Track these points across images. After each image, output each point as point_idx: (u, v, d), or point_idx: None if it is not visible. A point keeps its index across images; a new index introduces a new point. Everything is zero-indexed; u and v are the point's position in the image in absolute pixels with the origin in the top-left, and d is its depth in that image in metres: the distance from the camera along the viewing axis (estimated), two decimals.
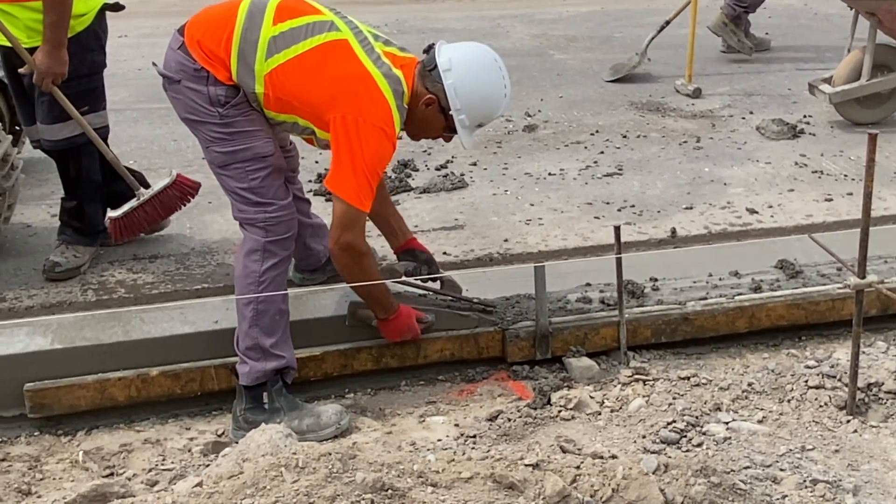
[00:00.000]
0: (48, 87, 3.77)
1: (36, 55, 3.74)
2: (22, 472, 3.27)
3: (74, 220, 4.13)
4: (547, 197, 4.92)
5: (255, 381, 3.38)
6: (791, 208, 4.76)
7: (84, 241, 4.14)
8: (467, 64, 3.28)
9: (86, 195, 4.11)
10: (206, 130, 3.35)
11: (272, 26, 3.25)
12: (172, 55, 3.34)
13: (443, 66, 3.26)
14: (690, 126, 6.03)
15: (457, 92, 3.26)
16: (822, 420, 3.16)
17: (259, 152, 3.33)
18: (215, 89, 3.27)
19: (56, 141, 3.96)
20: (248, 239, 3.39)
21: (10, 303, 3.87)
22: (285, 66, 3.23)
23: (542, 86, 6.95)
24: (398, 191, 4.96)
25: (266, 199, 3.34)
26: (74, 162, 4.04)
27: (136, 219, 4.07)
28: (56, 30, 3.72)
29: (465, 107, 3.28)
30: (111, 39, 4.23)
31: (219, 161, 3.37)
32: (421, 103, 3.29)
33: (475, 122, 3.35)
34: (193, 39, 3.30)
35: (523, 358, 3.80)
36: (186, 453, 3.39)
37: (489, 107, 3.34)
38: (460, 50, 3.33)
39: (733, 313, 3.92)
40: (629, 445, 3.05)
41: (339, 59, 3.24)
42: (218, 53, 3.26)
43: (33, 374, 3.51)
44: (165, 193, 4.09)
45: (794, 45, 7.84)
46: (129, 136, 5.83)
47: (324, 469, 2.48)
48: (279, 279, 3.39)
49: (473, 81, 3.28)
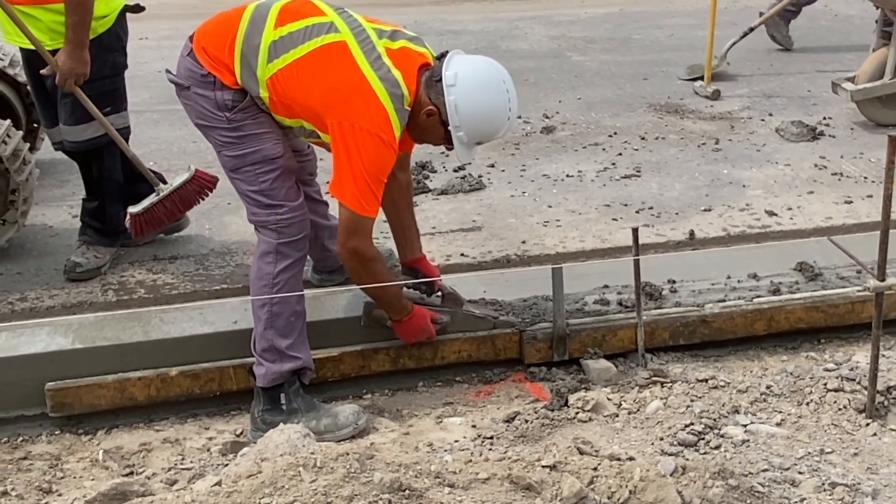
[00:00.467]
0: (71, 87, 3.80)
1: (58, 56, 3.77)
2: (43, 470, 3.30)
3: (96, 220, 4.16)
4: (565, 199, 4.92)
5: (271, 382, 3.39)
6: (810, 210, 4.74)
7: (105, 242, 4.17)
8: (472, 82, 3.20)
9: (107, 195, 4.14)
10: (216, 135, 3.38)
11: (273, 30, 3.25)
12: (182, 62, 3.37)
13: (447, 80, 3.18)
14: (709, 128, 6.01)
15: (457, 109, 3.19)
16: (840, 423, 3.15)
17: (268, 154, 3.34)
18: (222, 94, 3.29)
19: (79, 142, 4.00)
20: (261, 241, 3.41)
21: (31, 302, 3.91)
22: (285, 70, 3.23)
23: (560, 87, 6.95)
24: (416, 192, 4.96)
25: (277, 202, 3.35)
26: (97, 163, 4.08)
27: (156, 214, 4.08)
28: (78, 30, 3.76)
29: (464, 125, 3.21)
30: (132, 41, 4.26)
31: (230, 165, 3.39)
32: (423, 112, 3.23)
33: (473, 140, 3.28)
34: (199, 46, 3.33)
35: (541, 359, 3.79)
36: (205, 453, 3.41)
37: (490, 128, 3.27)
38: (469, 66, 3.24)
39: (752, 315, 3.91)
40: (647, 447, 3.05)
41: (336, 64, 3.19)
42: (222, 59, 3.28)
43: (54, 373, 3.54)
44: (184, 188, 4.10)
45: (814, 47, 7.80)
46: (149, 137, 5.87)
47: (341, 469, 2.49)
48: (293, 281, 3.40)
49: (476, 101, 3.19)
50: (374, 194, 3.21)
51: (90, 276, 4.05)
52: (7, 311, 3.85)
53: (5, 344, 3.59)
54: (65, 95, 3.89)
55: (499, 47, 8.18)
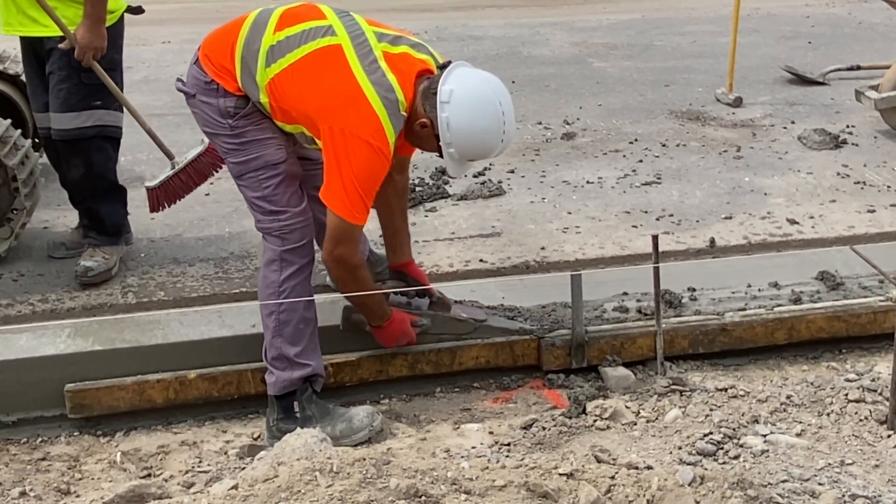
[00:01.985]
0: (89, 61, 3.86)
1: (77, 30, 3.83)
2: (61, 471, 3.32)
3: (93, 220, 4.14)
4: (584, 205, 4.91)
5: (282, 390, 3.40)
6: (832, 219, 4.70)
7: (110, 241, 4.15)
8: (466, 102, 3.11)
9: (97, 194, 4.11)
10: (221, 142, 3.40)
11: (272, 35, 3.24)
12: (189, 70, 3.41)
13: (441, 97, 3.10)
14: (731, 135, 5.98)
15: (449, 127, 3.12)
16: (861, 434, 3.12)
17: (270, 160, 3.34)
18: (225, 101, 3.31)
19: (67, 130, 3.98)
20: (266, 249, 3.42)
21: (52, 304, 3.93)
22: (281, 75, 3.21)
23: (581, 94, 6.94)
24: (435, 197, 4.97)
25: (279, 208, 3.35)
26: (83, 156, 4.03)
27: (173, 187, 4.11)
28: (97, 5, 3.83)
29: (455, 142, 3.15)
30: (154, 45, 4.31)
31: (235, 171, 3.42)
32: (417, 122, 3.18)
33: (465, 157, 3.23)
34: (204, 53, 3.36)
35: (559, 366, 3.78)
36: (222, 456, 3.42)
37: (481, 148, 3.20)
38: (465, 84, 3.14)
39: (772, 325, 3.88)
40: (665, 456, 3.03)
41: (329, 68, 3.15)
42: (225, 65, 3.30)
43: (74, 374, 3.56)
44: (199, 161, 4.15)
45: (838, 55, 7.75)
46: (170, 141, 5.83)
47: (358, 474, 2.50)
48: (300, 287, 3.39)
49: (468, 121, 3.12)
50: (363, 202, 3.16)
51: (103, 279, 4.04)
52: (28, 313, 3.88)
53: (26, 345, 3.62)
54: (61, 82, 3.92)
55: (520, 53, 8.18)
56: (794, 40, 8.47)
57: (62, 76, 3.93)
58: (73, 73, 3.92)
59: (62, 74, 3.93)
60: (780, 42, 8.43)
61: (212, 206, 4.93)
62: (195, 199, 4.85)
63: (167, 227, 4.57)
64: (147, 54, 8.20)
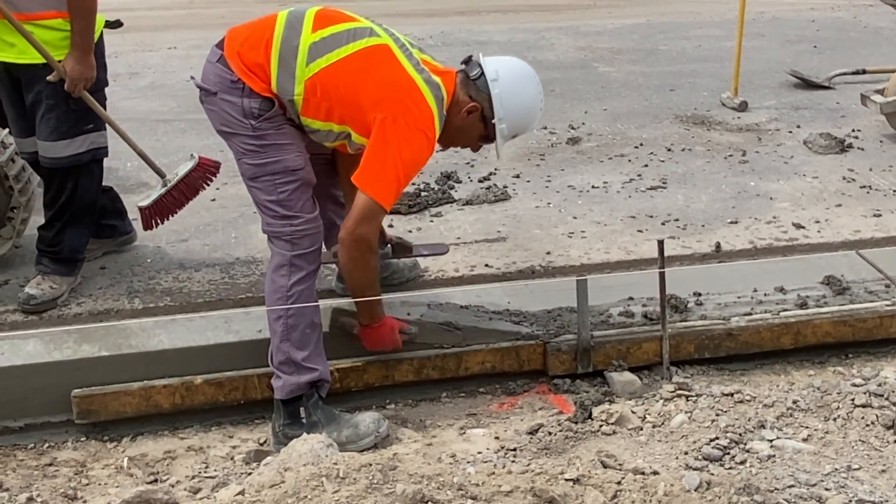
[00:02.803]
0: (80, 92, 3.81)
1: (66, 62, 3.76)
2: (68, 476, 3.32)
3: (52, 247, 4.02)
4: (590, 210, 4.91)
5: (289, 394, 3.40)
6: (838, 224, 4.70)
7: (62, 271, 4.02)
8: (512, 76, 3.41)
9: (72, 219, 4.02)
10: (238, 142, 3.39)
11: (312, 34, 3.31)
12: (211, 68, 3.40)
13: (490, 76, 3.37)
14: (736, 139, 5.98)
15: (502, 102, 3.36)
16: (868, 439, 3.11)
17: (289, 166, 3.37)
18: (249, 101, 3.32)
19: (60, 158, 3.89)
20: (275, 254, 3.43)
21: (58, 310, 3.94)
22: (328, 69, 3.28)
23: (586, 98, 6.94)
24: (441, 202, 4.97)
25: (292, 212, 3.38)
26: (72, 182, 3.97)
27: (165, 204, 4.09)
28: (85, 36, 3.77)
29: (507, 117, 3.38)
30: (160, 51, 4.31)
31: (249, 173, 3.42)
32: (463, 111, 3.37)
33: (512, 133, 3.45)
34: (233, 51, 3.36)
35: (564, 371, 3.78)
36: (229, 461, 3.43)
37: (528, 118, 3.47)
38: (504, 62, 3.45)
39: (778, 329, 3.88)
40: (671, 462, 3.02)
41: (383, 64, 3.29)
42: (257, 61, 3.31)
43: (81, 380, 3.57)
44: (190, 177, 4.12)
45: (843, 59, 7.74)
46: (176, 146, 5.91)
47: (364, 480, 2.50)
48: (307, 293, 3.41)
49: (517, 93, 3.39)
50: (399, 188, 3.31)
51: (45, 309, 3.91)
52: (35, 318, 3.88)
53: (33, 350, 3.63)
54: (49, 110, 3.83)
55: (525, 58, 8.07)
56: (800, 44, 8.47)
57: (49, 105, 3.83)
58: (60, 101, 3.83)
59: (49, 103, 3.83)
60: (785, 46, 8.43)
61: (218, 211, 4.94)
62: (201, 204, 4.87)
63: (173, 232, 4.58)
64: (153, 60, 8.22)
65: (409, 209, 4.84)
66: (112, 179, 4.63)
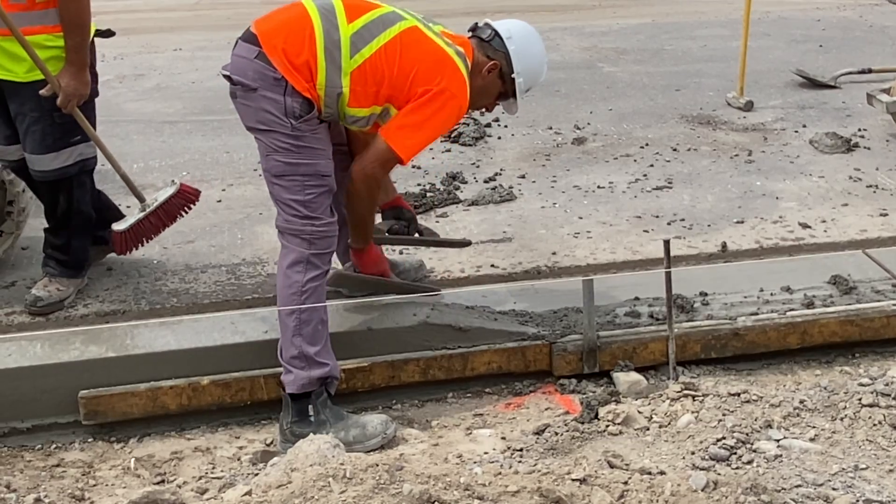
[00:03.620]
0: (72, 109, 3.77)
1: (61, 77, 3.72)
2: (76, 477, 3.33)
3: (60, 252, 4.04)
4: (596, 210, 4.91)
5: (300, 389, 3.41)
6: (845, 223, 4.69)
7: (68, 274, 4.04)
8: (523, 33, 3.66)
9: (75, 229, 4.04)
10: (272, 139, 3.38)
11: (348, 24, 3.39)
12: (249, 64, 3.35)
13: (504, 34, 3.59)
14: (742, 139, 5.98)
15: (518, 56, 3.58)
16: (875, 439, 3.10)
17: (320, 170, 3.41)
18: (292, 100, 3.33)
19: (47, 171, 3.88)
20: (290, 251, 3.44)
21: (65, 311, 3.95)
22: (372, 58, 3.38)
23: (591, 98, 6.94)
24: (446, 203, 4.98)
25: (315, 214, 3.41)
26: (65, 194, 3.97)
27: (142, 230, 4.04)
28: (80, 51, 3.75)
29: (523, 70, 3.60)
30: (165, 52, 4.31)
31: (278, 170, 3.41)
32: (484, 70, 3.56)
33: (527, 86, 3.65)
34: (276, 48, 3.33)
35: (571, 372, 3.78)
36: (236, 462, 3.43)
37: (539, 71, 3.69)
38: (512, 23, 3.69)
39: (785, 329, 3.88)
40: (678, 462, 3.02)
41: (419, 44, 3.45)
42: (303, 58, 3.32)
43: (88, 381, 3.57)
44: (170, 203, 4.08)
45: (849, 58, 7.73)
46: (182, 147, 5.93)
47: (371, 480, 2.50)
48: (320, 290, 3.45)
49: (530, 47, 3.64)
50: (420, 146, 3.50)
51: (52, 311, 3.93)
52: (42, 320, 3.89)
53: (40, 352, 3.64)
54: (34, 123, 3.80)
55: None
56: (805, 44, 8.46)
57: (34, 118, 3.80)
58: (44, 115, 3.80)
59: (34, 116, 3.80)
60: (791, 46, 8.42)
61: (224, 212, 4.95)
62: (207, 206, 4.89)
63: (179, 234, 4.59)
64: (158, 62, 8.24)
65: (415, 209, 4.84)
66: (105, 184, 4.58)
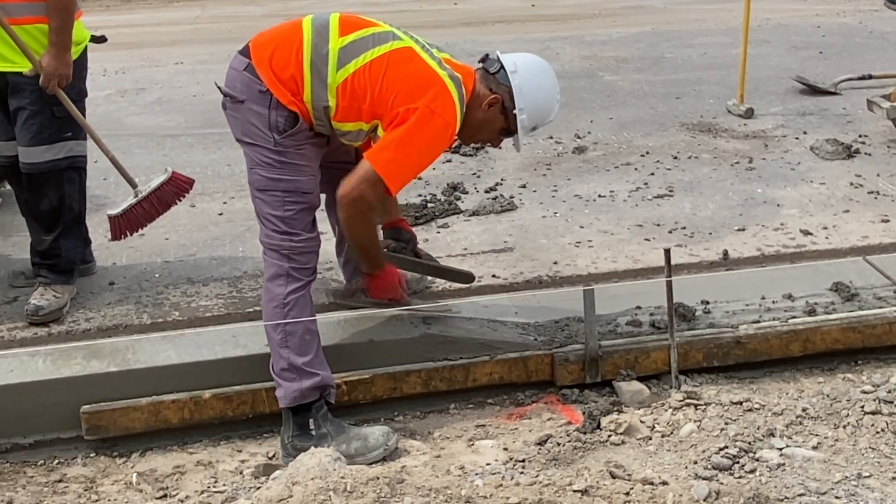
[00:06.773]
0: (54, 88, 3.85)
1: (42, 58, 3.82)
2: (78, 493, 3.33)
3: (49, 258, 4.08)
4: (597, 219, 4.91)
5: (293, 401, 3.40)
6: (846, 230, 4.69)
7: (61, 280, 4.08)
8: (530, 68, 3.52)
9: (65, 227, 4.08)
10: (256, 152, 3.41)
11: (339, 38, 3.37)
12: (238, 76, 3.40)
13: (509, 68, 3.48)
14: (743, 147, 5.98)
15: (521, 92, 3.46)
16: (878, 447, 3.10)
17: (301, 188, 3.41)
18: (276, 114, 3.34)
19: (38, 163, 3.95)
20: (270, 265, 3.45)
21: (67, 325, 3.95)
22: (357, 73, 3.34)
23: (591, 107, 6.95)
24: (447, 213, 4.98)
25: (294, 230, 3.41)
26: (55, 188, 4.01)
27: (135, 216, 4.09)
28: (61, 33, 3.83)
29: (527, 107, 3.48)
30: (167, 66, 4.33)
31: (259, 184, 3.43)
32: (484, 104, 3.46)
33: (532, 124, 3.54)
34: (263, 60, 3.37)
35: (573, 381, 3.78)
36: (238, 475, 3.43)
37: (546, 109, 3.56)
38: (521, 56, 3.57)
39: (787, 337, 3.87)
40: (680, 471, 3.01)
41: (409, 62, 3.38)
42: (289, 72, 3.33)
43: (90, 396, 3.57)
44: (162, 190, 4.12)
45: (849, 64, 7.73)
46: (183, 160, 5.94)
47: (372, 493, 2.50)
48: (304, 300, 3.44)
49: (536, 84, 3.50)
50: (406, 175, 3.41)
51: (53, 318, 3.96)
52: (44, 335, 3.90)
53: (42, 367, 3.64)
54: (32, 116, 3.90)
55: None
56: (805, 50, 8.47)
57: (33, 111, 3.90)
58: (44, 108, 3.90)
59: (33, 109, 3.90)
60: (790, 52, 8.43)
61: (225, 225, 4.96)
62: (209, 218, 4.89)
63: (181, 246, 4.60)
64: (160, 75, 8.26)
65: (416, 220, 4.85)
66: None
